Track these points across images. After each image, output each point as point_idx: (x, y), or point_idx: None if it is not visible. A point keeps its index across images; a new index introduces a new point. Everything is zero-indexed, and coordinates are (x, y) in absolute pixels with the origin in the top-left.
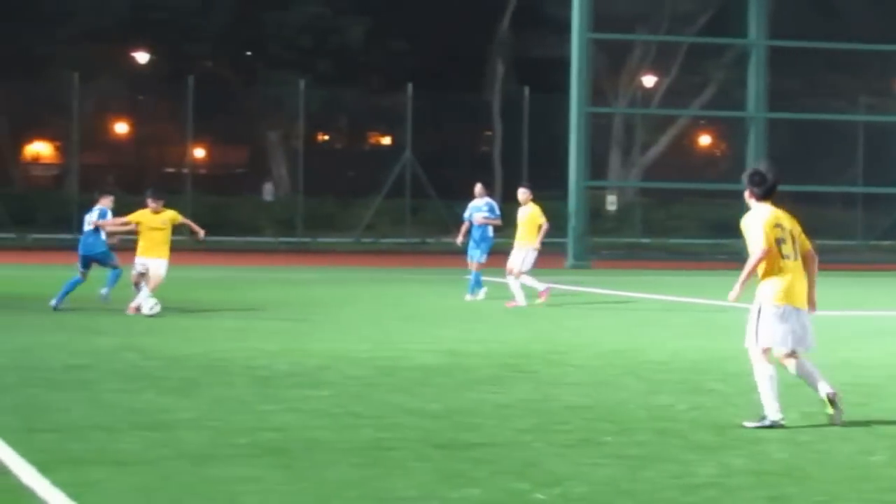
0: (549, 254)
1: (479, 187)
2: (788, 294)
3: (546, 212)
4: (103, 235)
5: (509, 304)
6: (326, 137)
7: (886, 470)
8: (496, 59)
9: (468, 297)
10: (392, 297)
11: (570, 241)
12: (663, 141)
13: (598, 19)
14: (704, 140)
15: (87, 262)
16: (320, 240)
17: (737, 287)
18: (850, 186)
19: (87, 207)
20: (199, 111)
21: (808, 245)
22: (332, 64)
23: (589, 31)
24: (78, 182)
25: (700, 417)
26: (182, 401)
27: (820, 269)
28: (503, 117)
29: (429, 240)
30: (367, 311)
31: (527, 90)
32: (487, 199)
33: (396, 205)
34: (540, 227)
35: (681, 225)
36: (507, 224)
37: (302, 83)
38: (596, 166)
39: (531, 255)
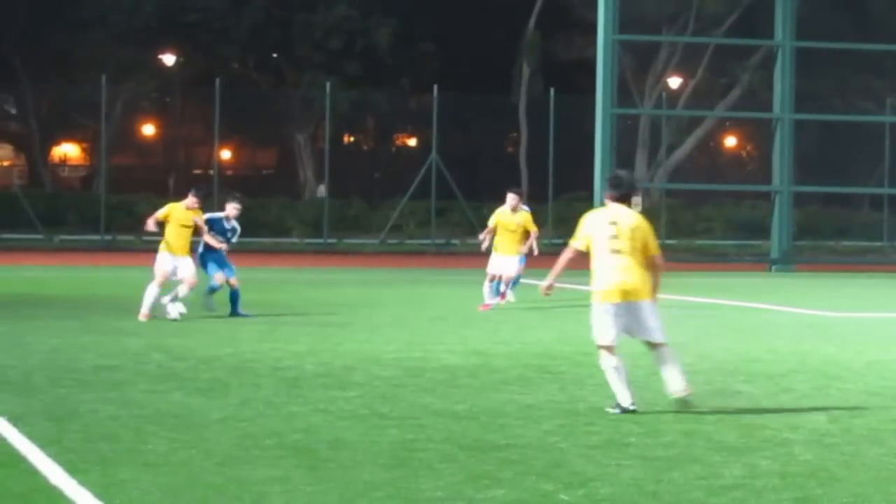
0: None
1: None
2: (619, 291)
3: (572, 214)
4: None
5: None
6: (353, 139)
7: None
8: (522, 60)
9: (511, 299)
10: (418, 298)
11: None
12: (689, 142)
13: (624, 21)
14: (731, 141)
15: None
16: (346, 241)
17: (548, 280)
18: (876, 188)
19: (116, 208)
20: (226, 113)
21: (653, 251)
22: (359, 65)
23: (615, 32)
24: (106, 183)
25: (726, 419)
26: (210, 401)
27: (847, 269)
28: (529, 119)
29: (454, 241)
30: (393, 313)
31: (553, 91)
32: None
33: (422, 206)
34: (529, 233)
35: (707, 226)
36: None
37: (329, 85)
38: (622, 167)
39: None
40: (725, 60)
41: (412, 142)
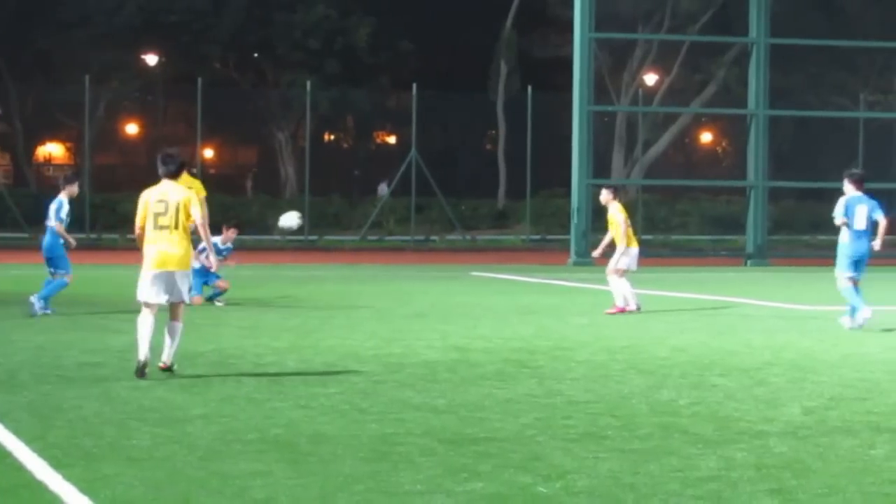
0: (553, 251)
1: None
2: (160, 260)
3: (550, 210)
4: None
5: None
6: (333, 137)
7: (887, 463)
8: (500, 58)
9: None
10: (398, 294)
11: (573, 238)
12: (665, 138)
13: (600, 18)
14: (706, 137)
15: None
16: (327, 238)
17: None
18: None
19: (100, 207)
20: (208, 112)
21: (193, 220)
22: (338, 64)
23: (591, 30)
24: (90, 182)
25: (702, 412)
26: (192, 397)
27: (822, 263)
28: (507, 116)
29: (434, 237)
30: (373, 309)
31: (530, 89)
32: None
33: (402, 203)
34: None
35: (683, 221)
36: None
37: (309, 84)
38: (599, 164)
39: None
40: (700, 57)
41: (392, 139)
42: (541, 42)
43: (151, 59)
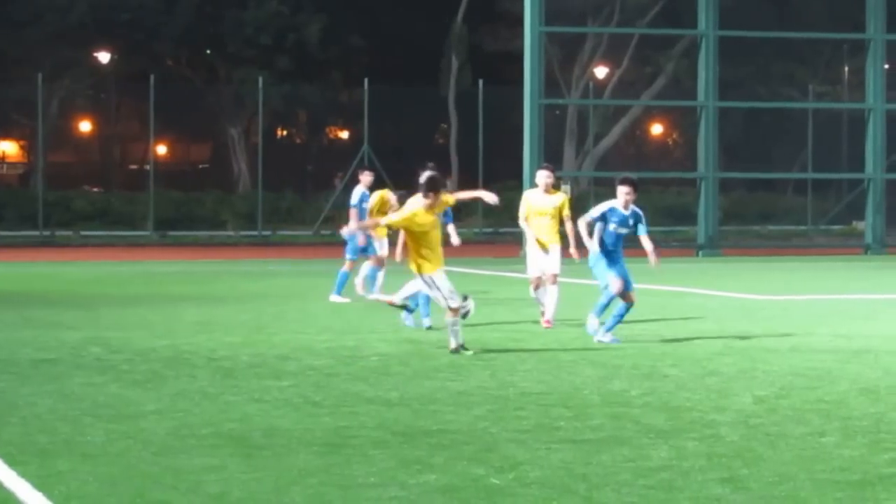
0: (506, 243)
1: None
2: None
3: (501, 202)
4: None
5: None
6: (286, 133)
7: (837, 450)
8: (451, 53)
9: None
10: (351, 288)
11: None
12: (616, 131)
13: (550, 12)
14: (657, 129)
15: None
16: (280, 233)
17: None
18: (799, 173)
19: (54, 204)
20: (161, 109)
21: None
22: (290, 60)
23: (541, 24)
24: (43, 180)
25: (653, 402)
26: (146, 393)
27: (772, 253)
28: (458, 110)
29: None
30: (326, 303)
31: (481, 83)
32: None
33: None
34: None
35: None
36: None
37: (261, 80)
38: (550, 157)
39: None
40: (650, 50)
41: (344, 134)
42: (491, 36)
43: (104, 57)
